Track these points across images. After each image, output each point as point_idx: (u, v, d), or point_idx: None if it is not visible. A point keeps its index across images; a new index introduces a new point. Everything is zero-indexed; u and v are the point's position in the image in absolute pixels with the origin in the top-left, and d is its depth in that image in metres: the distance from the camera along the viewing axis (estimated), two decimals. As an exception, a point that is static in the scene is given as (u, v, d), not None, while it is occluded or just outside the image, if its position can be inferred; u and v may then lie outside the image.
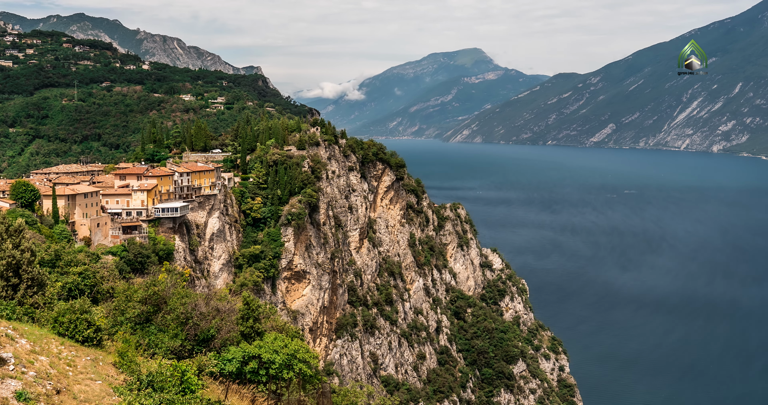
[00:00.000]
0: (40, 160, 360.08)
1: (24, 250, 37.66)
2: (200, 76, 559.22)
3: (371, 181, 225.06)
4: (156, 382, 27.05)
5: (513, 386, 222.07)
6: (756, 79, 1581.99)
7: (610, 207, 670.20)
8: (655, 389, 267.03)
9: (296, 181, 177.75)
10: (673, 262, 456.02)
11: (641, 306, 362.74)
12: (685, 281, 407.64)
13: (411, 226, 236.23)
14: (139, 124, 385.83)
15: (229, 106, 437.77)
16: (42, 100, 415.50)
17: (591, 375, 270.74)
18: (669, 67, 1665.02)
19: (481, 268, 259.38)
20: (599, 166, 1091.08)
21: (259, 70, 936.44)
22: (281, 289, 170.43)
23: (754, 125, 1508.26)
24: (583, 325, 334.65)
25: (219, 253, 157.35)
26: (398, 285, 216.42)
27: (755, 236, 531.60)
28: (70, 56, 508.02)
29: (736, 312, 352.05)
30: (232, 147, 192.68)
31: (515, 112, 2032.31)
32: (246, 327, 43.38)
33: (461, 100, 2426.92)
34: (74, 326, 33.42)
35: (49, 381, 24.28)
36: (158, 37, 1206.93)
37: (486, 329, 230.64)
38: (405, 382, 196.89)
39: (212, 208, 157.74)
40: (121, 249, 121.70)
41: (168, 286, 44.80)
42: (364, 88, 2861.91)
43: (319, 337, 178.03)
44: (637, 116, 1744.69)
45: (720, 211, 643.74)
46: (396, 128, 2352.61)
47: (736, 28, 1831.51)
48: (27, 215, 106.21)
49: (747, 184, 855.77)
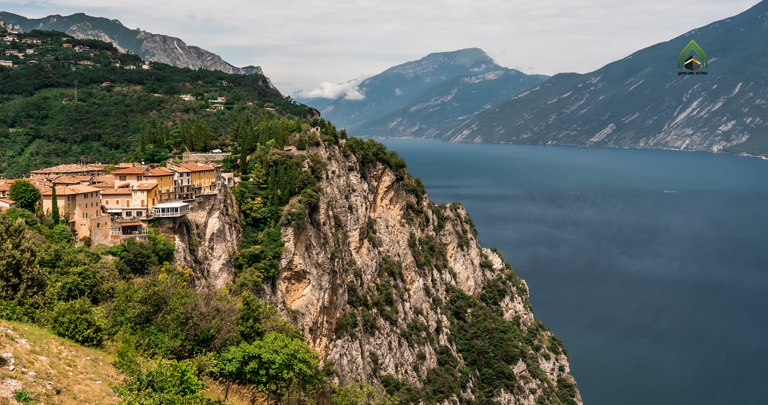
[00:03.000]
0: (40, 160, 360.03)
1: (24, 250, 37.66)
2: (200, 76, 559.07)
3: (371, 181, 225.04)
4: (156, 382, 27.05)
5: (513, 386, 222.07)
6: (756, 79, 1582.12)
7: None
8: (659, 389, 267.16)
9: (296, 181, 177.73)
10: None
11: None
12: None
13: (411, 226, 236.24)
14: (139, 124, 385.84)
15: (229, 106, 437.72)
16: (42, 100, 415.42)
17: (594, 372, 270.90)
18: (669, 67, 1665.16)
19: (481, 268, 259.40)
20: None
21: (259, 70, 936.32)
22: (281, 289, 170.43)
23: (754, 125, 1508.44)
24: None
25: (219, 253, 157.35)
26: (398, 285, 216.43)
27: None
28: (70, 56, 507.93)
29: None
30: (232, 147, 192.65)
31: (515, 112, 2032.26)
32: (246, 327, 43.38)
33: (461, 100, 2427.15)
34: (74, 326, 33.42)
35: (49, 381, 24.28)
36: (158, 37, 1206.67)
37: (486, 329, 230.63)
38: (405, 382, 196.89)
39: (212, 208, 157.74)
40: (121, 249, 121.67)
41: (168, 286, 44.81)
42: (364, 88, 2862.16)
43: (319, 337, 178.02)
44: (637, 116, 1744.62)
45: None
46: (396, 128, 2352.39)
47: (736, 28, 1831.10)
48: (27, 215, 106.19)
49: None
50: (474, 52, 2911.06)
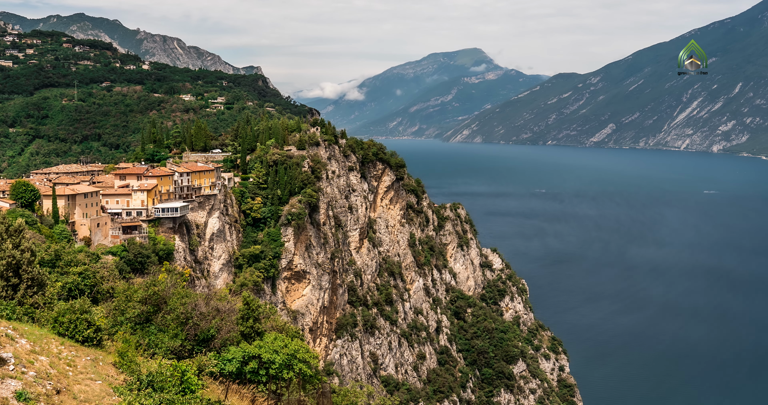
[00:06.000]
0: (40, 160, 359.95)
1: (24, 250, 37.65)
2: (200, 76, 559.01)
3: (371, 181, 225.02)
4: (156, 382, 27.04)
5: (513, 386, 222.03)
6: (756, 79, 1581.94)
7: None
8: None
9: (296, 181, 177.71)
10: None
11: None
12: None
13: (411, 226, 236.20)
14: (139, 124, 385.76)
15: (229, 106, 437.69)
16: (42, 100, 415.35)
17: (592, 374, 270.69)
18: (669, 67, 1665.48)
19: (481, 268, 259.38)
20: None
21: (259, 70, 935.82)
22: (281, 289, 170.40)
23: (754, 125, 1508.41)
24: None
25: (219, 253, 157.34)
26: (398, 285, 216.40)
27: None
28: (70, 56, 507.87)
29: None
30: (232, 147, 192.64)
31: (515, 112, 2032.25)
32: (246, 327, 43.37)
33: (461, 100, 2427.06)
34: (74, 326, 33.40)
35: (49, 381, 24.27)
36: (158, 37, 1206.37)
37: (486, 329, 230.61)
38: (405, 382, 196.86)
39: (212, 208, 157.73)
40: (121, 249, 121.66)
41: (168, 286, 44.79)
42: (364, 88, 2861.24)
43: (319, 337, 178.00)
44: (637, 116, 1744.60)
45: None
46: (396, 128, 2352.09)
47: (736, 28, 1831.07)
48: (27, 215, 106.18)
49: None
50: (474, 52, 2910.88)
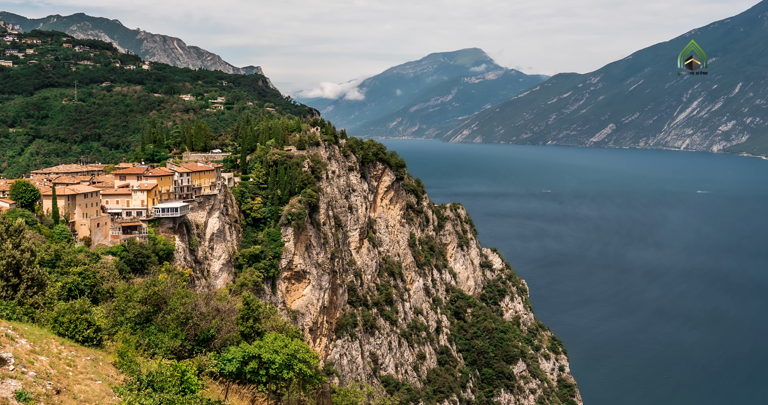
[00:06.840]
0: (40, 160, 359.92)
1: (24, 250, 37.64)
2: (200, 76, 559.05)
3: (371, 181, 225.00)
4: (156, 382, 27.03)
5: (513, 386, 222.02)
6: (756, 79, 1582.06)
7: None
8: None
9: (296, 181, 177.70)
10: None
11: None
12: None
13: (411, 226, 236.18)
14: (139, 124, 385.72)
15: (229, 106, 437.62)
16: (42, 100, 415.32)
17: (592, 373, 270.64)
18: (669, 67, 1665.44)
19: (481, 268, 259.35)
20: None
21: (259, 70, 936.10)
22: (281, 289, 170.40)
23: (754, 125, 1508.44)
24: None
25: (219, 253, 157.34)
26: (398, 285, 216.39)
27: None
28: (70, 56, 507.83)
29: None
30: (232, 147, 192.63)
31: (515, 112, 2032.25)
32: (246, 327, 43.36)
33: (461, 100, 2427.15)
34: (74, 326, 33.39)
35: (49, 381, 24.27)
36: (158, 37, 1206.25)
37: (486, 329, 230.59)
38: (405, 382, 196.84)
39: (212, 208, 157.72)
40: (121, 249, 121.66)
41: (168, 286, 44.77)
42: (364, 88, 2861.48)
43: (319, 337, 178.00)
44: (637, 116, 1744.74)
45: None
46: (396, 128, 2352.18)
47: (736, 28, 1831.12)
48: (27, 215, 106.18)
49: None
50: (474, 52, 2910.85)
